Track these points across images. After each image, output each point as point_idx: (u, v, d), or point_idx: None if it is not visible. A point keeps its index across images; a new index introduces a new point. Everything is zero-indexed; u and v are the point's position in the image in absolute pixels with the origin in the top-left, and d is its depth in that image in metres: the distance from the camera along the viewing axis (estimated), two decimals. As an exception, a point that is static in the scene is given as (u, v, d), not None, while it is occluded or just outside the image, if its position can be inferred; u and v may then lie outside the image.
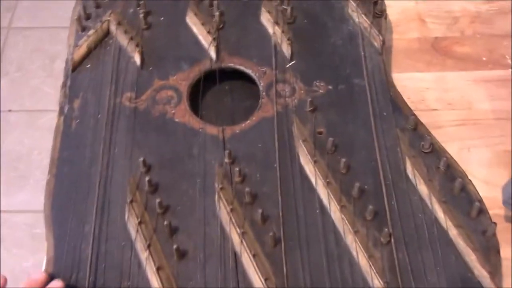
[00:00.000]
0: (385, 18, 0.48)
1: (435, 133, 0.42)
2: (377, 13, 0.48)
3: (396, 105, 0.42)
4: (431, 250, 0.36)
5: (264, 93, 0.43)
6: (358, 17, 0.47)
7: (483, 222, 0.37)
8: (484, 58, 0.49)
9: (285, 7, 0.48)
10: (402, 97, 0.43)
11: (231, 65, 0.45)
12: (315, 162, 0.39)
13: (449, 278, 0.35)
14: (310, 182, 0.39)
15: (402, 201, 0.38)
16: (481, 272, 0.35)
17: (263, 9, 0.48)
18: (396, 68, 0.49)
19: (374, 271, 0.34)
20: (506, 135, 0.45)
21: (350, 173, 0.39)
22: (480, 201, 0.37)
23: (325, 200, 0.38)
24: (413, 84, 0.48)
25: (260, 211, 0.37)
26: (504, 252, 0.37)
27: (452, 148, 0.42)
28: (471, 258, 0.35)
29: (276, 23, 0.47)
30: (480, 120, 0.46)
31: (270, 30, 0.47)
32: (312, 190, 0.38)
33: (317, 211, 0.37)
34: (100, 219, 0.38)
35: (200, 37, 0.47)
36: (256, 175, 0.39)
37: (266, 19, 0.48)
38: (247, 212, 0.37)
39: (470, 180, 0.39)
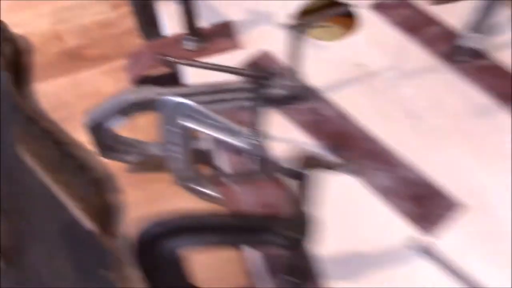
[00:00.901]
0: (16, 45, 0.56)
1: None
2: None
3: (18, 112, 0.50)
4: (43, 212, 0.43)
5: None
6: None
7: (85, 177, 0.45)
8: (112, 54, 0.60)
9: None
10: (31, 104, 0.51)
11: None
12: None
13: (61, 230, 0.42)
14: None
15: (21, 182, 0.45)
16: (86, 222, 0.43)
17: None
18: (37, 81, 0.57)
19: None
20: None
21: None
22: (80, 158, 0.46)
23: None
24: (53, 90, 0.56)
25: None
26: (130, 195, 0.46)
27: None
28: (76, 211, 0.43)
29: None
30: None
31: None
32: None
33: None
34: None
35: None
36: None
37: None
38: None
39: (79, 146, 0.47)
